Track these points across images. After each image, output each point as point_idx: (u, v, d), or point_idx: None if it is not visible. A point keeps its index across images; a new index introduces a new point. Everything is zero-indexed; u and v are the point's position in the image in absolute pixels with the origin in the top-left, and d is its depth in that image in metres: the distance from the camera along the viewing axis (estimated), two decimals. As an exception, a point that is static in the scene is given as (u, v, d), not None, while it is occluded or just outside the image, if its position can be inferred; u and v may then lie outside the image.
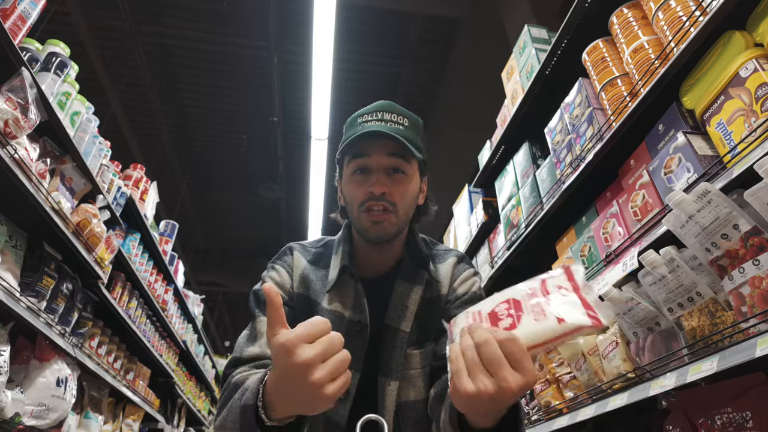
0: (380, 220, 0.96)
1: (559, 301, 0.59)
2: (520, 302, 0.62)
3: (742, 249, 1.02)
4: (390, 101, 1.02)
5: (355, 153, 0.98)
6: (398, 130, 0.95)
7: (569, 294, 0.60)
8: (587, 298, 0.59)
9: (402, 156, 0.97)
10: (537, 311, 0.59)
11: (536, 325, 0.58)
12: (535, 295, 0.62)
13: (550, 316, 0.58)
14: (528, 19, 4.00)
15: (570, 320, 0.56)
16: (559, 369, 1.85)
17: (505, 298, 0.64)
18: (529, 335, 0.57)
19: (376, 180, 0.95)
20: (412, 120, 1.00)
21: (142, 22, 5.91)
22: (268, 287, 0.65)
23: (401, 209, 0.98)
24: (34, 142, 1.87)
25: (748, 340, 1.01)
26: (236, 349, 0.93)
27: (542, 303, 0.60)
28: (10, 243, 1.86)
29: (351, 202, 1.00)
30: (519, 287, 0.65)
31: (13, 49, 1.64)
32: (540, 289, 0.63)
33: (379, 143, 0.96)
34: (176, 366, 4.36)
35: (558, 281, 0.63)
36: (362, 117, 0.99)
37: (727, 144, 1.21)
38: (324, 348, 0.59)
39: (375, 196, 0.95)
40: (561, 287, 0.61)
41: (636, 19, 1.61)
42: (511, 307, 0.62)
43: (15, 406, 1.80)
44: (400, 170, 0.97)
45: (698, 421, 1.20)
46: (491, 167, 2.89)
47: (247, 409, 0.67)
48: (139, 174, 3.19)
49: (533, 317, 0.59)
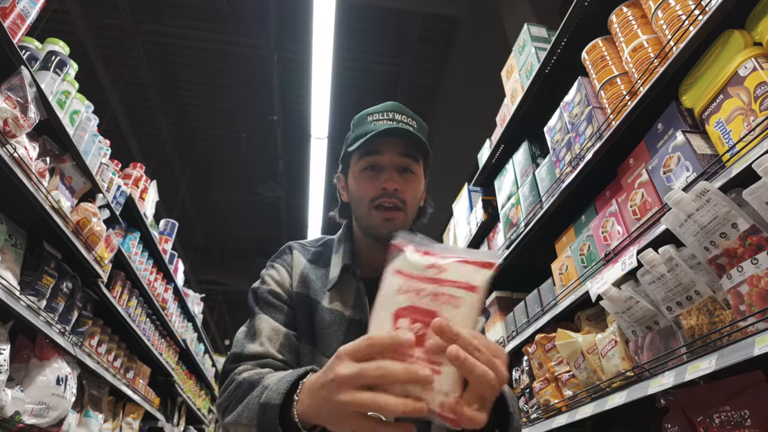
0: (392, 218, 0.97)
1: (449, 276, 0.55)
2: (415, 306, 0.55)
3: (741, 248, 1.02)
4: (398, 103, 1.03)
5: (367, 150, 0.99)
6: (410, 130, 0.97)
7: (444, 263, 0.56)
8: (462, 256, 0.56)
9: (413, 156, 1.00)
10: (446, 300, 0.54)
11: (463, 311, 0.54)
12: (417, 289, 0.55)
13: (461, 293, 0.54)
14: (528, 17, 4.00)
15: (478, 282, 0.54)
16: (558, 368, 1.85)
17: (392, 313, 0.55)
18: (466, 323, 0.53)
19: (389, 176, 0.97)
20: (419, 123, 1.03)
21: (142, 20, 5.91)
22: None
23: (410, 208, 1.00)
24: (34, 140, 1.87)
25: (747, 339, 1.01)
26: (236, 345, 0.93)
27: (437, 290, 0.55)
28: (10, 242, 1.86)
29: (360, 197, 1.01)
30: (388, 293, 0.57)
31: (13, 48, 1.64)
32: (412, 281, 0.56)
33: (391, 142, 0.98)
34: (176, 364, 4.36)
35: (418, 262, 0.57)
36: (372, 116, 1.01)
37: (726, 143, 1.21)
38: (359, 375, 0.52)
39: (388, 192, 0.97)
40: (428, 266, 0.56)
41: (635, 18, 1.61)
42: (415, 316, 0.54)
43: (15, 405, 1.81)
44: (410, 170, 1.00)
45: (697, 420, 1.21)
46: (491, 166, 2.89)
47: (267, 407, 0.67)
48: (139, 173, 3.19)
49: (450, 307, 0.54)
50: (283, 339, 0.93)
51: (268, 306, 0.98)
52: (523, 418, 2.11)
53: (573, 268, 1.86)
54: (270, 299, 0.98)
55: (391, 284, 0.57)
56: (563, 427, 1.79)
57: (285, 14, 5.75)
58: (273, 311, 0.97)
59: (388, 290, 0.57)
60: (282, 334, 0.94)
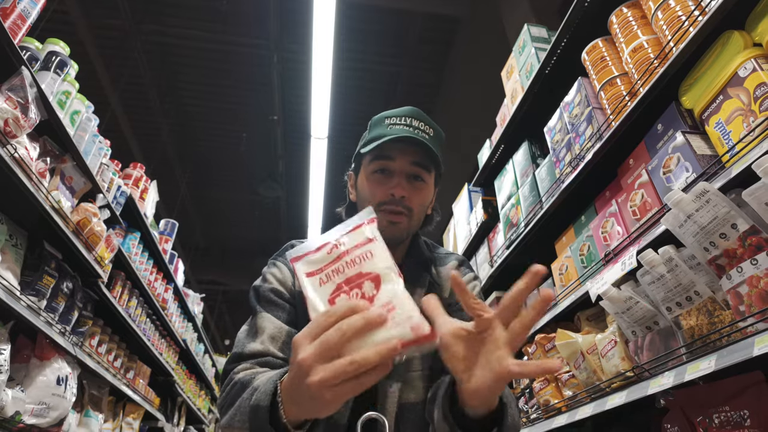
0: (397, 221, 0.98)
1: (351, 246, 0.62)
2: (341, 283, 0.60)
3: (740, 248, 1.03)
4: (418, 109, 1.03)
5: (380, 154, 1.00)
6: (425, 140, 0.98)
7: (341, 241, 0.63)
8: (341, 231, 0.64)
9: (424, 165, 1.00)
10: (360, 259, 0.61)
11: (377, 258, 0.60)
12: (335, 271, 0.61)
13: (367, 248, 0.61)
14: (528, 18, 4.00)
15: (372, 235, 0.63)
16: (558, 368, 1.85)
17: (326, 302, 0.60)
18: (386, 259, 0.61)
19: (398, 183, 0.98)
20: (436, 131, 1.03)
21: (142, 20, 5.91)
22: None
23: (415, 216, 1.01)
24: (34, 141, 1.87)
25: (746, 339, 1.01)
26: (237, 345, 0.93)
27: (352, 258, 0.61)
28: (11, 242, 1.86)
29: (367, 199, 1.01)
30: (314, 293, 0.61)
31: (13, 48, 1.64)
32: (324, 274, 0.61)
33: (404, 149, 0.98)
34: (176, 364, 4.36)
35: (318, 257, 0.63)
36: (390, 119, 1.01)
37: (725, 143, 1.21)
38: (322, 346, 0.52)
39: (395, 199, 0.97)
40: (329, 252, 0.63)
41: (635, 19, 1.61)
42: (348, 286, 0.60)
43: (15, 405, 1.81)
44: (420, 178, 1.01)
45: (696, 420, 1.21)
46: (491, 166, 2.89)
47: (258, 409, 0.66)
48: (139, 173, 3.19)
49: (367, 261, 0.60)
50: (286, 337, 0.93)
51: (270, 304, 0.97)
52: (523, 418, 2.12)
53: (573, 269, 1.86)
54: (272, 297, 0.98)
55: (312, 286, 0.61)
56: (563, 428, 1.79)
57: (285, 14, 5.75)
58: (275, 309, 0.97)
59: (312, 293, 0.61)
60: (284, 332, 0.93)
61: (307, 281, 0.62)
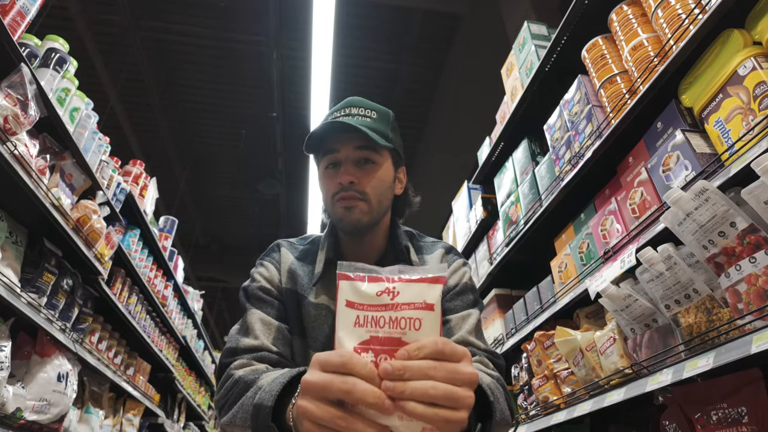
0: (351, 206, 0.97)
1: (403, 300, 0.54)
2: (376, 337, 0.54)
3: (739, 246, 1.03)
4: (359, 97, 1.03)
5: (326, 150, 1.00)
6: (365, 122, 0.97)
7: (396, 288, 0.55)
8: (410, 276, 0.56)
9: (370, 147, 0.98)
10: (407, 324, 0.53)
11: (425, 330, 0.53)
12: (374, 319, 0.54)
13: (420, 314, 0.54)
14: (528, 15, 3.99)
15: (433, 298, 0.54)
16: (557, 365, 1.86)
17: (353, 348, 0.54)
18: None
19: (344, 170, 0.97)
20: (381, 112, 1.02)
21: (141, 17, 5.89)
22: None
23: (373, 198, 0.99)
24: (34, 138, 1.87)
25: (744, 337, 1.02)
26: (230, 340, 0.94)
27: (395, 315, 0.54)
28: (11, 239, 1.86)
29: (325, 195, 1.03)
30: (345, 330, 0.55)
31: (12, 45, 1.64)
32: (366, 311, 0.55)
33: (346, 138, 0.98)
34: (176, 361, 4.37)
35: (368, 290, 0.56)
36: (332, 114, 1.01)
37: (725, 142, 1.22)
38: (326, 381, 0.51)
39: (344, 186, 0.97)
40: (380, 293, 0.55)
41: (635, 17, 1.61)
42: (377, 348, 0.53)
43: (16, 401, 1.82)
44: (370, 161, 0.99)
45: (694, 417, 1.22)
46: (490, 164, 2.89)
47: (260, 408, 0.67)
48: (139, 170, 3.19)
49: (413, 329, 0.53)
50: (276, 332, 0.95)
51: (259, 301, 0.99)
52: (522, 414, 2.13)
53: (572, 266, 1.87)
54: (260, 295, 1.00)
55: (347, 318, 0.55)
56: (562, 424, 1.80)
57: (284, 11, 5.73)
58: (264, 306, 0.98)
59: (345, 325, 0.55)
60: (274, 328, 0.95)
61: (343, 309, 0.56)
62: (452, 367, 0.51)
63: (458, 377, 0.51)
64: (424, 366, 0.50)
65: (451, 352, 0.52)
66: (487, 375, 0.83)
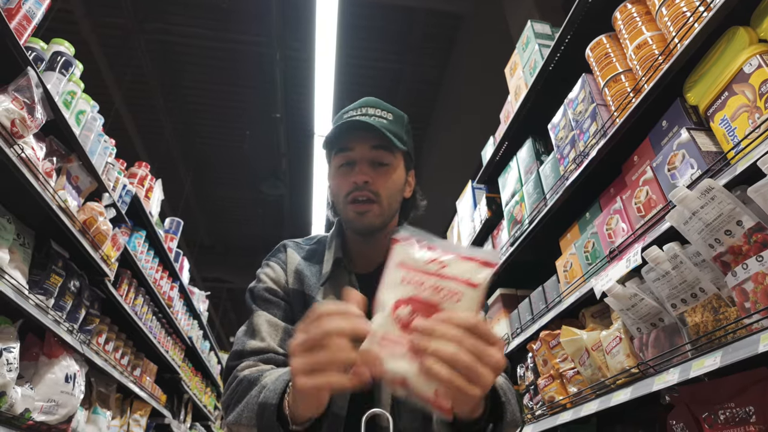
0: (364, 211, 0.97)
1: (450, 272, 0.57)
2: (416, 297, 0.58)
3: (746, 245, 1.03)
4: (375, 98, 1.03)
5: (340, 147, 1.00)
6: (381, 123, 0.97)
7: (446, 259, 0.58)
8: (462, 253, 0.58)
9: (385, 148, 0.98)
10: (447, 294, 0.56)
11: (463, 305, 0.56)
12: (419, 281, 0.58)
13: (463, 289, 0.56)
14: (531, 14, 3.98)
15: (479, 279, 0.56)
16: (563, 364, 1.86)
17: (393, 304, 0.58)
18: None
19: (359, 170, 0.97)
20: (396, 114, 1.02)
21: (145, 19, 5.92)
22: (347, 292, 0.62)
23: (385, 199, 0.99)
24: (41, 141, 1.89)
25: (751, 336, 1.01)
26: (237, 343, 0.94)
27: (439, 283, 0.57)
28: (18, 241, 1.87)
29: (337, 194, 1.02)
30: (389, 284, 0.60)
31: (19, 49, 1.65)
32: (414, 273, 0.59)
33: (362, 137, 0.98)
34: (182, 362, 4.39)
35: (420, 256, 0.60)
36: (347, 113, 1.01)
37: (730, 140, 1.21)
38: (304, 337, 0.56)
39: (359, 186, 0.97)
40: (430, 260, 0.58)
41: (640, 15, 1.61)
42: (415, 307, 0.57)
43: (25, 402, 1.83)
44: (384, 162, 0.99)
45: (701, 416, 1.21)
46: (495, 163, 2.89)
47: (265, 407, 0.68)
48: (144, 172, 3.21)
49: (452, 300, 0.56)
50: (283, 333, 0.95)
51: (266, 303, 0.99)
52: (528, 414, 2.12)
53: (577, 265, 1.86)
54: (267, 296, 1.00)
55: (395, 275, 0.60)
56: (568, 424, 1.79)
57: (287, 11, 5.74)
58: (270, 307, 0.98)
59: (391, 281, 0.60)
60: (281, 329, 0.95)
61: (393, 269, 0.60)
62: (481, 345, 0.53)
63: (484, 356, 0.52)
64: (454, 333, 0.53)
65: (485, 333, 0.54)
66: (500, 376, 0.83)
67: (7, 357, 1.71)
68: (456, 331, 0.53)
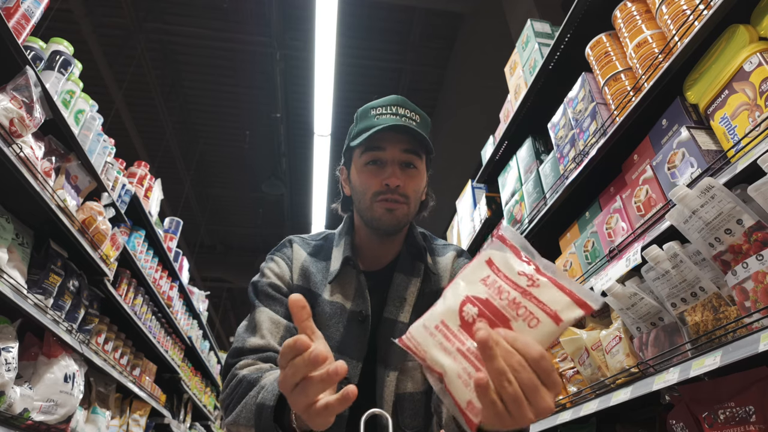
0: (393, 208, 0.98)
1: (538, 295, 0.51)
2: (491, 302, 0.53)
3: (746, 244, 1.02)
4: (402, 97, 1.03)
5: (370, 145, 0.99)
6: (412, 126, 0.97)
7: (539, 281, 0.52)
8: (560, 281, 0.52)
9: (415, 152, 1.00)
10: (524, 314, 0.51)
11: (536, 333, 0.50)
12: (500, 288, 0.53)
13: (543, 317, 0.50)
14: (531, 13, 3.97)
15: (566, 317, 0.50)
16: (562, 364, 1.86)
17: (464, 298, 0.54)
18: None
19: (392, 172, 0.97)
20: (422, 117, 1.03)
21: (145, 18, 5.92)
22: (294, 299, 0.59)
23: (413, 202, 1.01)
24: (39, 140, 1.88)
25: (752, 335, 1.01)
26: (237, 339, 0.94)
27: (521, 300, 0.51)
28: (17, 241, 1.87)
29: (363, 191, 1.01)
30: (470, 277, 0.56)
31: (18, 48, 1.65)
32: (499, 278, 0.54)
33: (394, 137, 0.98)
34: (182, 362, 4.39)
35: (513, 264, 0.54)
36: (375, 110, 1.01)
37: (731, 139, 1.21)
38: (284, 352, 0.56)
39: (390, 188, 0.97)
40: (522, 273, 0.53)
41: (639, 13, 1.60)
42: (485, 311, 0.52)
43: (24, 402, 1.83)
44: (412, 165, 1.00)
45: (702, 416, 1.21)
46: (494, 162, 2.88)
47: (263, 408, 0.67)
48: (143, 171, 3.20)
49: (525, 323, 0.50)
50: (284, 331, 0.94)
51: (269, 299, 0.98)
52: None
53: (577, 265, 1.86)
54: (270, 292, 0.99)
55: (478, 271, 0.56)
56: (567, 423, 1.79)
57: (287, 11, 5.74)
58: (273, 304, 0.98)
59: (472, 274, 0.56)
60: (283, 327, 0.94)
61: (479, 263, 0.56)
62: (537, 383, 0.48)
63: (535, 395, 0.47)
64: (517, 358, 0.48)
65: (546, 371, 0.48)
66: None
67: (6, 357, 1.71)
68: (519, 358, 0.48)
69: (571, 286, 0.51)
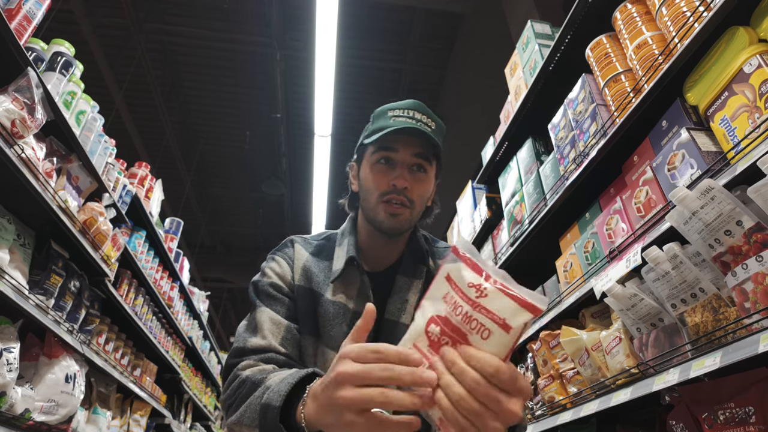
0: (397, 214, 0.98)
1: (487, 305, 0.52)
2: (449, 320, 0.54)
3: (746, 245, 1.02)
4: (421, 102, 1.04)
5: (382, 145, 1.00)
6: (427, 132, 0.98)
7: (487, 290, 0.53)
8: (507, 287, 0.53)
9: (426, 157, 1.00)
10: (477, 327, 0.52)
11: (489, 344, 0.51)
12: (456, 303, 0.54)
13: (494, 328, 0.51)
14: (531, 14, 3.98)
15: (515, 324, 0.51)
16: (562, 365, 1.86)
17: (429, 318, 0.56)
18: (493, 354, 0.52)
19: (400, 174, 0.98)
20: (438, 124, 1.03)
21: (145, 19, 5.92)
22: (371, 310, 0.60)
23: (417, 207, 1.01)
24: (41, 141, 1.89)
25: (751, 336, 1.01)
26: (238, 339, 0.94)
27: (472, 313, 0.52)
28: (18, 241, 1.88)
29: (370, 189, 1.01)
30: (434, 295, 0.58)
31: (19, 50, 1.65)
32: (455, 292, 0.55)
33: (407, 140, 0.98)
34: (182, 362, 4.39)
35: (465, 276, 0.55)
36: (393, 111, 1.01)
37: (730, 140, 1.21)
38: (363, 372, 0.53)
39: (397, 189, 0.97)
40: (471, 285, 0.54)
41: (640, 15, 1.61)
42: (445, 329, 0.54)
43: (25, 402, 1.83)
44: (422, 169, 1.01)
45: (701, 416, 1.21)
46: (495, 163, 2.89)
47: (268, 408, 0.67)
48: (144, 172, 3.21)
49: (479, 335, 0.52)
50: (285, 332, 0.94)
51: (269, 298, 0.98)
52: (528, 414, 2.12)
53: (577, 266, 1.86)
54: (271, 292, 0.99)
55: (440, 288, 0.57)
56: (568, 424, 1.79)
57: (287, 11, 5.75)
58: (274, 304, 0.98)
59: (436, 292, 0.57)
60: (283, 327, 0.94)
61: (442, 279, 0.57)
62: (496, 394, 0.50)
63: (496, 407, 0.50)
64: (471, 376, 0.50)
65: (505, 382, 0.50)
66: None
67: (8, 357, 1.71)
68: (473, 375, 0.50)
69: (519, 291, 0.52)
